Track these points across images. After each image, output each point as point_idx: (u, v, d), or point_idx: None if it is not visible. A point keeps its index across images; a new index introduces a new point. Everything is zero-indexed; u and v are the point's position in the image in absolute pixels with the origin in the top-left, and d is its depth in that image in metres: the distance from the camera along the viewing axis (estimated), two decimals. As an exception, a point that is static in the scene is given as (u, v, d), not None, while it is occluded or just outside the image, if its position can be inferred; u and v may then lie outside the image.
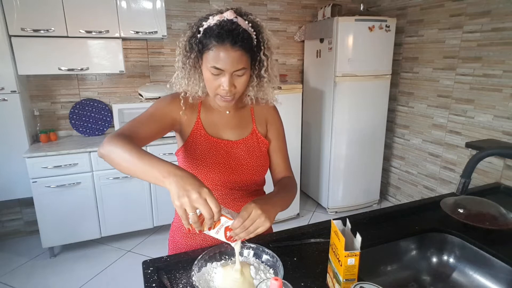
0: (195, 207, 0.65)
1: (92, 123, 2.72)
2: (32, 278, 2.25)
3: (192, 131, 0.99)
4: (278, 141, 1.08)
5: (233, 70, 0.85)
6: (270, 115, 1.08)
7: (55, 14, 2.24)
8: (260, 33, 0.90)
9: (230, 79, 0.86)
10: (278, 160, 1.08)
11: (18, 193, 2.41)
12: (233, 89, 0.88)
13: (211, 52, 0.84)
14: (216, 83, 0.87)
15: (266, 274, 0.80)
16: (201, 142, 0.98)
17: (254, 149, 1.02)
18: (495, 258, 0.95)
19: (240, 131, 1.03)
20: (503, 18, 2.22)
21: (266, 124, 1.07)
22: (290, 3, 3.19)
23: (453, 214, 1.09)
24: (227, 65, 0.84)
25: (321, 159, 3.17)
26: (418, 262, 1.07)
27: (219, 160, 0.97)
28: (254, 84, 0.96)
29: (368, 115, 3.00)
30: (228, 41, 0.82)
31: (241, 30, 0.84)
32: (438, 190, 2.85)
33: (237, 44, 0.82)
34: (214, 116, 1.02)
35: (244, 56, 0.85)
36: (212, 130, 1.00)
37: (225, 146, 0.99)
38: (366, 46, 2.81)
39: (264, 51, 0.91)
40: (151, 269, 0.85)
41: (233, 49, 0.83)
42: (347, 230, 0.79)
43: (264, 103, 1.03)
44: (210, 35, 0.84)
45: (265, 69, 0.93)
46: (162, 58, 2.88)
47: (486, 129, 2.40)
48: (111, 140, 0.76)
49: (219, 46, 0.83)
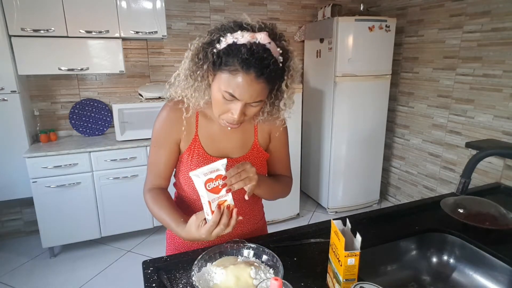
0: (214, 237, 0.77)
1: (92, 123, 2.72)
2: (32, 278, 2.25)
3: (189, 147, 0.92)
4: (281, 153, 1.03)
5: (250, 102, 0.76)
6: (275, 126, 0.98)
7: (55, 14, 2.24)
8: (287, 60, 0.79)
9: (242, 109, 0.77)
10: (281, 170, 1.05)
11: (18, 193, 2.41)
12: (242, 118, 0.80)
13: (230, 76, 0.73)
14: (224, 108, 0.79)
15: (266, 274, 0.80)
16: (198, 161, 0.91)
17: (255, 165, 0.92)
18: (495, 258, 0.95)
19: (241, 146, 0.96)
20: (503, 18, 2.22)
21: (269, 134, 1.00)
22: (290, 3, 3.19)
23: (453, 214, 1.09)
24: (244, 96, 0.74)
25: (321, 159, 3.17)
26: (418, 262, 1.07)
27: None
28: (266, 110, 0.87)
29: (368, 115, 3.00)
30: (254, 70, 0.71)
31: (272, 61, 0.73)
32: (438, 190, 2.85)
33: (263, 76, 0.72)
34: (214, 130, 0.93)
35: (266, 89, 0.76)
36: (211, 147, 0.93)
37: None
38: (366, 46, 2.81)
39: (287, 82, 0.81)
40: (151, 269, 0.85)
41: (257, 81, 0.73)
42: (347, 230, 0.79)
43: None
44: (234, 55, 0.72)
45: (284, 101, 0.84)
46: (162, 58, 2.88)
47: (486, 129, 2.39)
48: (145, 200, 0.94)
49: (243, 73, 0.72)
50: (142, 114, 2.52)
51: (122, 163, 2.44)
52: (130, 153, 2.45)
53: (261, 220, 1.12)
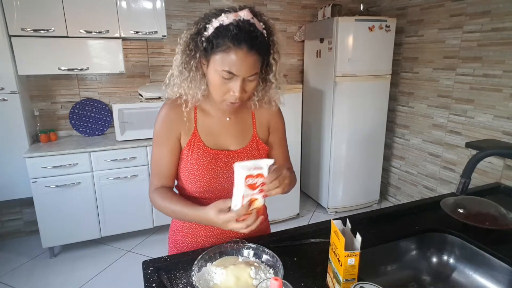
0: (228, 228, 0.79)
1: (92, 123, 2.72)
2: (32, 278, 2.25)
3: (189, 142, 0.93)
4: (281, 146, 1.05)
5: (247, 75, 0.80)
6: (273, 119, 1.02)
7: (55, 14, 2.24)
8: (271, 35, 0.85)
9: (241, 84, 0.80)
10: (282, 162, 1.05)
11: (18, 193, 2.41)
12: (243, 94, 0.83)
13: (223, 55, 0.77)
14: (224, 88, 0.82)
15: (266, 274, 0.80)
16: (199, 155, 0.92)
17: (255, 158, 0.97)
18: (495, 258, 0.95)
19: (240, 139, 0.97)
20: (503, 18, 2.22)
21: (268, 128, 1.02)
22: (290, 3, 3.19)
23: (453, 214, 1.09)
24: (241, 70, 0.78)
25: (321, 159, 3.17)
26: (418, 262, 1.07)
27: (218, 172, 0.93)
28: (260, 88, 0.91)
29: (368, 115, 3.00)
30: (245, 44, 0.76)
31: (259, 33, 0.79)
32: (438, 190, 2.85)
33: (253, 49, 0.77)
34: (213, 123, 0.95)
35: (258, 61, 0.80)
36: (210, 140, 0.94)
37: (225, 157, 0.94)
38: (366, 46, 2.81)
39: (274, 55, 0.86)
40: (151, 269, 0.85)
41: (250, 54, 0.77)
42: (347, 230, 0.79)
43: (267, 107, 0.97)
44: (224, 35, 0.77)
45: (273, 74, 0.88)
46: (162, 58, 2.88)
47: (486, 129, 2.39)
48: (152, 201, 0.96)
49: (235, 49, 0.76)
50: (142, 114, 2.52)
51: (122, 163, 2.44)
52: (130, 153, 2.45)
53: (265, 221, 1.12)
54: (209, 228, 1.00)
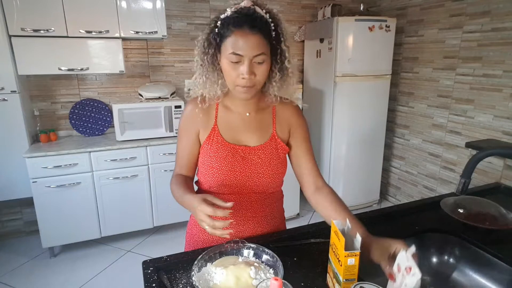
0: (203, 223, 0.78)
1: (92, 123, 2.72)
2: (32, 278, 2.25)
3: (209, 136, 0.96)
4: (306, 144, 1.01)
5: (252, 55, 0.82)
6: (294, 118, 1.01)
7: (55, 14, 2.24)
8: (278, 24, 0.88)
9: (249, 66, 0.83)
10: (309, 164, 1.01)
11: (18, 193, 2.41)
12: (253, 77, 0.84)
13: (229, 39, 0.83)
14: (235, 73, 0.85)
15: (266, 274, 0.80)
16: (217, 148, 0.95)
17: (272, 156, 0.97)
18: (495, 258, 0.95)
19: (259, 135, 0.98)
20: (503, 18, 2.22)
21: (289, 129, 1.01)
22: (290, 3, 3.19)
23: (453, 214, 1.09)
24: (245, 50, 0.81)
25: (321, 159, 3.17)
26: (418, 262, 1.07)
27: (235, 166, 0.95)
28: (277, 79, 0.92)
29: (368, 115, 3.00)
30: (246, 25, 0.81)
31: (259, 15, 0.83)
32: (438, 190, 2.84)
33: (255, 28, 0.81)
34: (233, 119, 0.98)
35: (263, 41, 0.83)
36: (229, 135, 0.96)
37: (242, 152, 0.96)
38: (366, 46, 2.81)
39: (285, 42, 0.89)
40: (151, 269, 0.85)
41: (251, 33, 0.81)
42: (347, 230, 0.79)
43: (288, 102, 0.99)
44: (228, 23, 0.83)
45: (287, 60, 0.90)
46: (162, 58, 2.88)
47: (486, 129, 2.39)
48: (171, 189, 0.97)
49: (237, 31, 0.81)
50: (142, 114, 2.52)
51: (122, 163, 2.44)
52: (130, 153, 2.45)
53: (282, 221, 1.12)
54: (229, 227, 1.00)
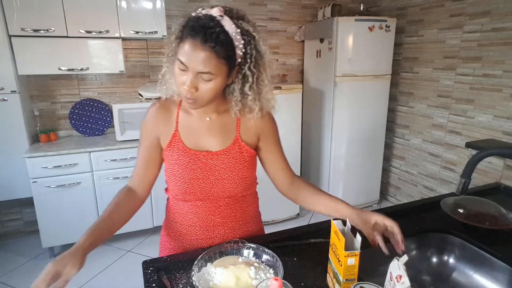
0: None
1: (92, 123, 2.72)
2: (32, 278, 2.22)
3: (170, 142, 0.92)
4: (277, 146, 1.00)
5: (196, 70, 0.76)
6: (262, 123, 0.94)
7: (55, 14, 2.24)
8: (250, 44, 0.80)
9: (192, 80, 0.77)
10: (283, 165, 1.01)
11: (18, 193, 2.41)
12: (193, 91, 0.78)
13: (182, 45, 0.77)
14: (180, 79, 0.79)
15: (266, 274, 0.80)
16: (179, 155, 0.91)
17: (237, 160, 0.92)
18: (495, 258, 0.95)
19: (221, 140, 0.93)
20: (503, 18, 2.22)
21: (258, 134, 0.96)
22: (290, 3, 3.19)
23: (453, 214, 1.09)
24: (190, 62, 0.75)
25: (321, 159, 3.17)
26: (418, 262, 1.07)
27: (198, 173, 0.90)
28: (238, 99, 0.86)
29: (368, 115, 3.00)
30: (200, 37, 0.73)
31: (218, 31, 0.74)
32: (438, 190, 2.84)
33: (207, 43, 0.73)
34: (193, 122, 0.93)
35: (214, 60, 0.75)
36: (190, 141, 0.92)
37: (204, 158, 0.91)
38: (366, 46, 2.81)
39: (251, 66, 0.81)
40: (151, 269, 0.85)
41: (202, 47, 0.74)
42: (347, 230, 0.79)
43: (252, 117, 0.90)
44: (186, 26, 0.77)
45: (249, 85, 0.83)
46: (162, 58, 2.87)
47: (486, 129, 2.39)
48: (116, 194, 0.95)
49: (189, 39, 0.75)
50: (142, 114, 2.48)
51: (122, 163, 2.44)
52: (130, 153, 2.45)
53: (258, 225, 1.08)
54: (198, 234, 0.98)
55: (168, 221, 1.04)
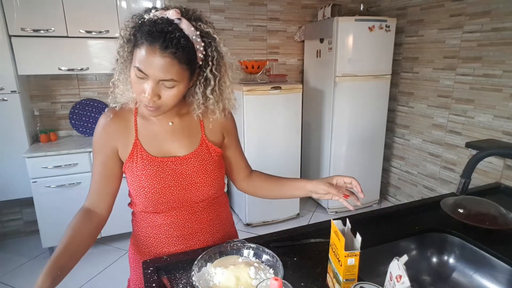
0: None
1: (92, 123, 2.72)
2: (32, 278, 2.24)
3: (131, 153, 0.86)
4: (237, 142, 1.02)
5: (157, 78, 0.72)
6: (226, 122, 0.95)
7: (55, 14, 2.24)
8: (211, 46, 0.77)
9: (154, 88, 0.73)
10: (243, 163, 1.04)
11: (18, 193, 2.41)
12: (156, 99, 0.74)
13: (138, 51, 0.72)
14: (139, 88, 0.74)
15: (266, 274, 0.80)
16: (143, 165, 0.85)
17: (206, 162, 0.89)
18: (495, 258, 0.95)
19: (188, 143, 0.89)
20: (503, 18, 2.22)
21: (222, 132, 0.95)
22: (290, 3, 3.19)
23: (453, 214, 1.09)
24: (150, 69, 0.71)
25: (321, 159, 3.17)
26: (418, 262, 1.07)
27: (168, 181, 0.85)
28: (200, 102, 0.83)
29: (368, 115, 3.00)
30: (158, 43, 0.68)
31: (178, 35, 0.70)
32: (438, 190, 2.84)
33: (167, 50, 0.69)
34: (155, 128, 0.87)
35: (176, 66, 0.71)
36: (154, 148, 0.86)
37: (173, 164, 0.86)
38: (366, 46, 2.82)
39: (212, 68, 0.79)
40: (151, 269, 0.85)
41: (161, 54, 0.69)
42: (347, 230, 0.79)
43: (215, 117, 0.89)
44: (141, 30, 0.72)
45: (211, 88, 0.81)
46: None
47: (486, 129, 2.39)
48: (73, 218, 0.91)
49: (147, 45, 0.70)
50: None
51: (122, 163, 2.44)
52: (130, 153, 2.45)
53: (231, 228, 1.07)
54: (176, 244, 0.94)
55: (138, 237, 0.96)
